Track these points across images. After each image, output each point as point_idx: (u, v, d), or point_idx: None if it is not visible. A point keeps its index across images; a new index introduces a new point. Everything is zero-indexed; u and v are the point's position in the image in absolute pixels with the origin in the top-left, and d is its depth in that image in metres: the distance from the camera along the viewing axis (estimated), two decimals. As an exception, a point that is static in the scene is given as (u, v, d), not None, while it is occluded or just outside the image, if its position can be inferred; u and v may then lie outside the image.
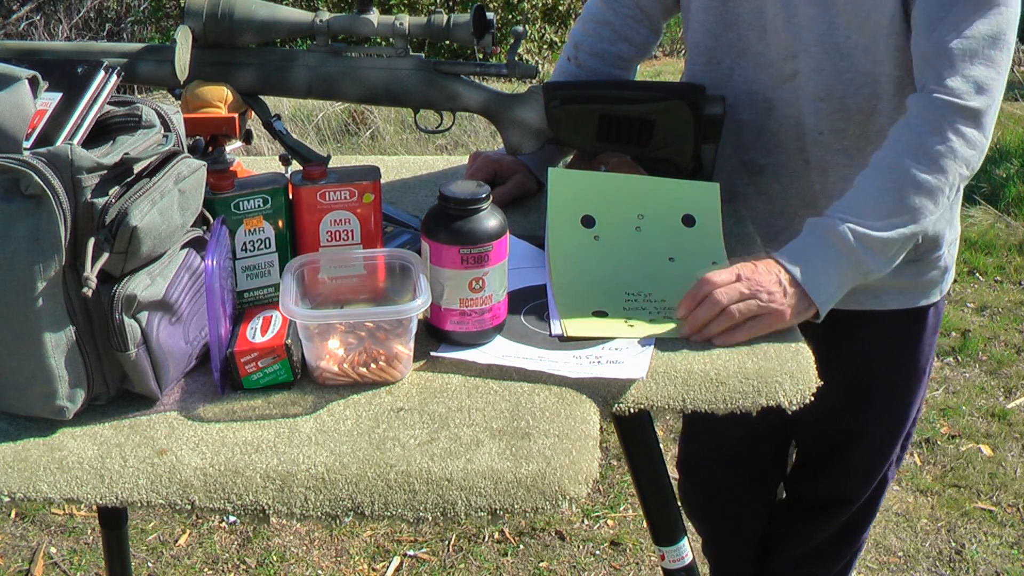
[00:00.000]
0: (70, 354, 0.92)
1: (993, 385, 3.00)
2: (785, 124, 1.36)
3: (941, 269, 1.45)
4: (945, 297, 1.51)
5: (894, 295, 1.44)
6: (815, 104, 1.32)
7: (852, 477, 1.64)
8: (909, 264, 1.39)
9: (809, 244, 1.15)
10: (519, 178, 1.45)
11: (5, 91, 0.87)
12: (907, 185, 1.15)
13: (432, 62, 1.33)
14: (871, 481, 1.63)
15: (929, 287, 1.46)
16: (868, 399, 1.54)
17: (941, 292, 1.48)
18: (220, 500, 0.90)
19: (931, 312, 1.49)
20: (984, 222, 4.01)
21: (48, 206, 0.87)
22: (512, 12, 7.00)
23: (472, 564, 2.29)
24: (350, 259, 1.09)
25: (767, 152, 1.39)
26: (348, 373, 1.01)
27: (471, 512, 0.90)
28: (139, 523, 2.39)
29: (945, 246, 1.43)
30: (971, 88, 1.16)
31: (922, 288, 1.45)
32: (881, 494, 1.67)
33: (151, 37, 7.07)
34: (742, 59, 1.36)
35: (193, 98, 1.26)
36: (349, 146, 4.88)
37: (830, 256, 1.14)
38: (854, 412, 1.55)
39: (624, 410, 1.02)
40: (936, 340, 1.55)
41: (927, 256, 1.41)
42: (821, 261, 1.13)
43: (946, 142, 1.15)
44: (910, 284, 1.44)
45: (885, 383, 1.53)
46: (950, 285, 1.50)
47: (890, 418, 1.57)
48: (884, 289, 1.43)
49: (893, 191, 1.15)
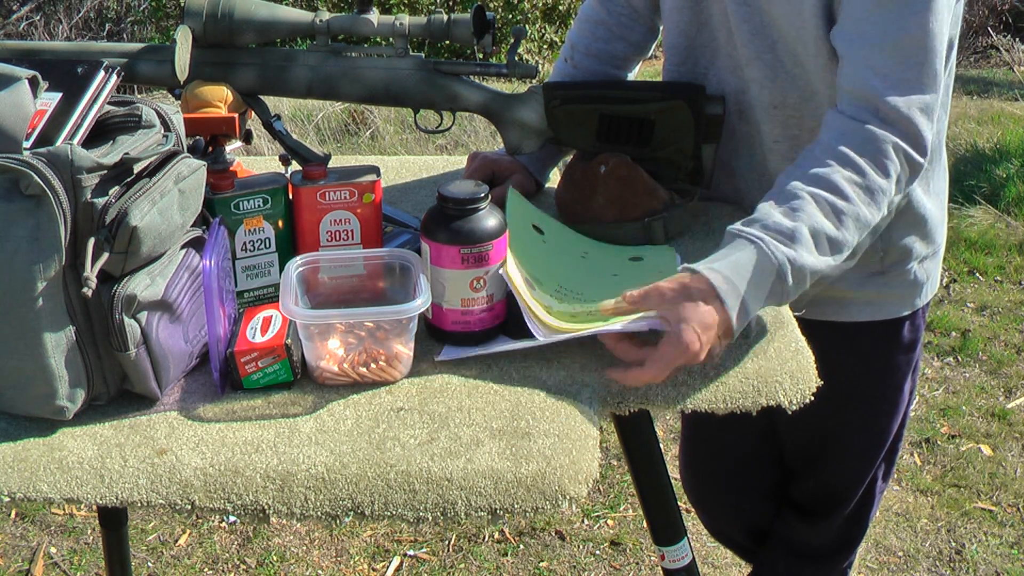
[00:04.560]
0: (70, 354, 0.92)
1: (993, 385, 3.00)
2: (751, 128, 1.35)
3: (910, 282, 1.39)
4: (924, 312, 1.46)
5: (861, 306, 1.41)
6: (770, 111, 1.31)
7: (834, 485, 1.63)
8: (874, 276, 1.37)
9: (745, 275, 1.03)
10: (518, 178, 1.45)
11: (5, 91, 0.87)
12: (848, 217, 1.08)
13: (432, 62, 1.33)
14: (854, 492, 1.61)
15: (897, 300, 1.41)
16: (844, 412, 1.51)
17: (915, 305, 1.43)
18: (220, 500, 0.90)
19: (906, 326, 1.44)
20: (984, 222, 4.01)
21: (48, 206, 0.87)
22: (512, 12, 7.00)
23: (472, 564, 2.29)
24: (350, 259, 1.09)
25: (738, 155, 1.39)
26: (348, 373, 1.01)
27: (471, 512, 0.90)
28: (139, 523, 2.39)
29: (914, 260, 1.38)
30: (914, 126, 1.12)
31: (889, 301, 1.41)
32: (870, 506, 1.65)
33: (151, 37, 7.07)
34: (716, 60, 1.36)
35: (193, 98, 1.26)
36: (349, 146, 4.87)
37: (760, 283, 1.03)
38: (831, 422, 1.53)
39: (624, 410, 1.02)
40: (917, 357, 1.50)
41: (893, 269, 1.38)
42: (755, 297, 1.03)
43: (886, 177, 1.10)
44: (876, 295, 1.40)
45: (861, 396, 1.51)
46: (928, 300, 1.45)
47: (868, 431, 1.54)
48: (849, 300, 1.40)
49: (833, 218, 1.07)
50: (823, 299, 1.36)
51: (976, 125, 5.28)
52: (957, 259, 3.77)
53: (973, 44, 7.82)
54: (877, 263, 1.36)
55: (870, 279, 1.38)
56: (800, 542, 1.74)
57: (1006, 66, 7.14)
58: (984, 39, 7.56)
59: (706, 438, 1.76)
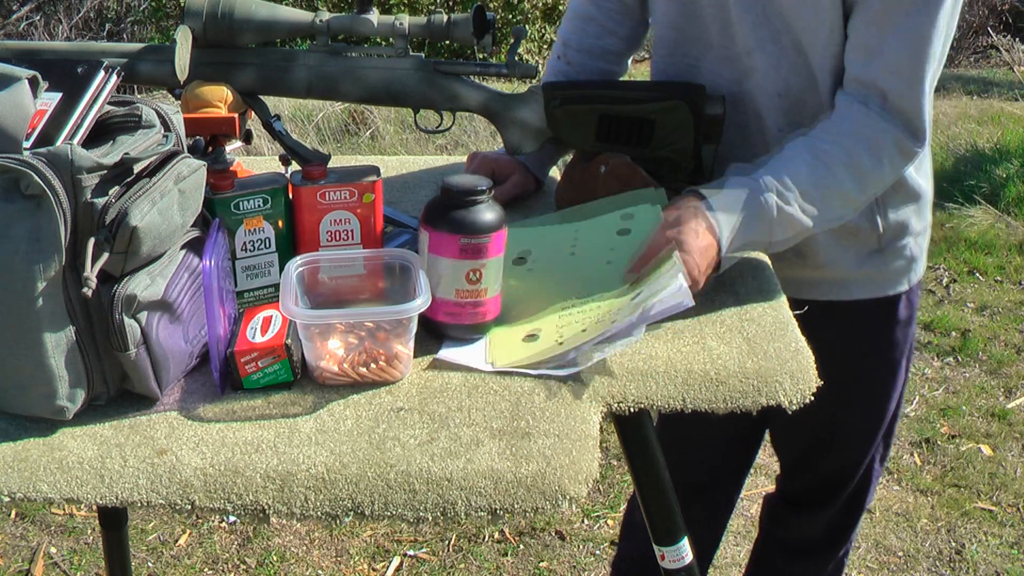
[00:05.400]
0: (70, 354, 0.92)
1: (993, 385, 3.00)
2: (750, 119, 1.36)
3: (907, 259, 1.45)
4: (917, 288, 1.52)
5: (860, 285, 1.44)
6: (774, 100, 1.32)
7: (833, 472, 1.64)
8: (872, 254, 1.42)
9: (736, 204, 1.17)
10: (517, 178, 1.45)
11: (5, 91, 0.87)
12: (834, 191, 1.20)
13: (432, 62, 1.33)
14: (853, 475, 1.63)
15: (896, 276, 1.46)
16: (844, 392, 1.53)
17: (910, 282, 1.48)
18: (220, 500, 0.90)
19: (902, 302, 1.49)
20: (984, 222, 4.01)
21: (48, 206, 0.87)
22: (512, 12, 7.00)
23: (472, 564, 2.29)
24: (350, 259, 1.09)
25: (733, 147, 1.39)
26: (348, 373, 1.01)
27: (471, 512, 0.90)
28: (139, 523, 2.39)
29: (910, 236, 1.43)
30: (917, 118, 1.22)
31: (889, 277, 1.46)
32: (867, 490, 1.67)
33: (151, 37, 7.07)
34: (708, 53, 1.36)
35: (193, 98, 1.26)
36: (349, 146, 4.88)
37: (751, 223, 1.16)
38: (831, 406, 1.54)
39: (624, 410, 1.02)
40: (912, 333, 1.55)
41: (891, 246, 1.42)
42: (742, 227, 1.16)
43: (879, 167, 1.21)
44: (876, 274, 1.44)
45: (861, 376, 1.54)
46: (921, 276, 1.51)
47: (868, 411, 1.57)
48: (850, 280, 1.43)
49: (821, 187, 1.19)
50: (824, 281, 1.40)
51: (976, 125, 5.28)
52: (957, 259, 3.77)
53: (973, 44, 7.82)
54: (875, 241, 1.40)
55: (868, 258, 1.42)
56: (796, 537, 1.74)
57: (1006, 66, 7.14)
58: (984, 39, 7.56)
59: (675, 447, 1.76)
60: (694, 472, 1.71)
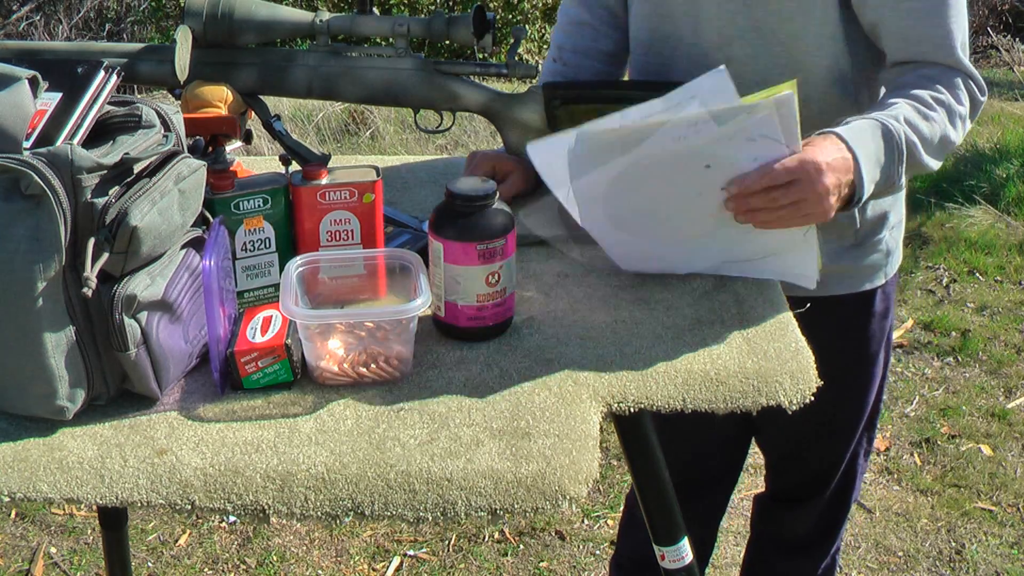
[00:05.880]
0: (70, 354, 0.92)
1: (993, 385, 2.99)
2: None
3: (883, 252, 1.46)
4: (893, 282, 1.52)
5: (837, 280, 1.45)
6: (753, 90, 1.33)
7: (817, 467, 1.65)
8: (850, 249, 1.43)
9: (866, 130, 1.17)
10: (517, 176, 1.45)
11: (5, 91, 0.87)
12: (937, 131, 1.22)
13: (432, 62, 1.33)
14: (836, 469, 1.64)
15: (872, 271, 1.47)
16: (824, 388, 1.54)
17: (886, 276, 1.49)
18: (220, 500, 0.90)
19: (878, 296, 1.50)
20: (984, 222, 4.01)
21: (48, 206, 0.87)
22: (512, 12, 7.00)
23: (472, 564, 2.29)
24: (350, 259, 1.09)
25: None
26: (348, 373, 1.01)
27: (471, 512, 0.90)
28: (139, 523, 2.39)
29: (886, 229, 1.44)
30: None
31: (865, 272, 1.47)
32: (852, 484, 1.68)
33: (151, 37, 7.07)
34: (678, 51, 1.37)
35: (193, 98, 1.26)
36: (349, 146, 4.88)
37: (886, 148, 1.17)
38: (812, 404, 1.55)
39: (624, 410, 1.02)
40: (889, 325, 1.56)
41: (868, 240, 1.43)
42: (874, 154, 1.16)
43: (963, 111, 1.25)
44: (852, 268, 1.45)
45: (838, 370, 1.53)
46: (897, 268, 1.52)
47: (848, 405, 1.58)
48: (826, 274, 1.43)
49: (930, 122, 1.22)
50: None
51: (976, 125, 5.27)
52: (957, 259, 3.77)
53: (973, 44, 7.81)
54: (852, 236, 1.41)
55: (846, 252, 1.42)
56: (788, 535, 1.75)
57: (1006, 66, 7.14)
58: (984, 39, 7.56)
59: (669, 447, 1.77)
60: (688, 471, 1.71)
